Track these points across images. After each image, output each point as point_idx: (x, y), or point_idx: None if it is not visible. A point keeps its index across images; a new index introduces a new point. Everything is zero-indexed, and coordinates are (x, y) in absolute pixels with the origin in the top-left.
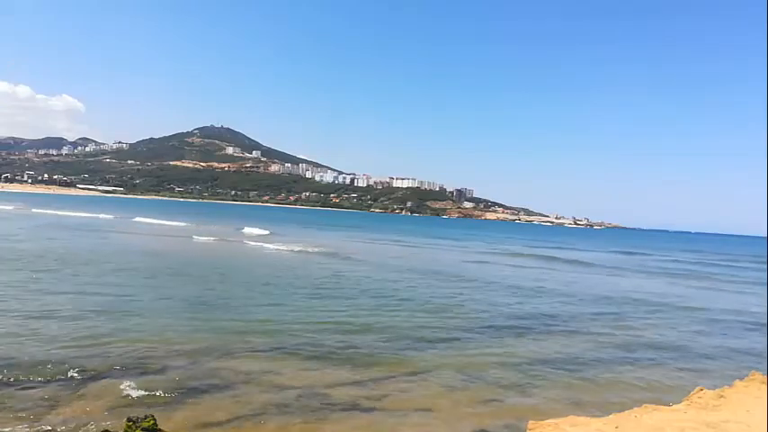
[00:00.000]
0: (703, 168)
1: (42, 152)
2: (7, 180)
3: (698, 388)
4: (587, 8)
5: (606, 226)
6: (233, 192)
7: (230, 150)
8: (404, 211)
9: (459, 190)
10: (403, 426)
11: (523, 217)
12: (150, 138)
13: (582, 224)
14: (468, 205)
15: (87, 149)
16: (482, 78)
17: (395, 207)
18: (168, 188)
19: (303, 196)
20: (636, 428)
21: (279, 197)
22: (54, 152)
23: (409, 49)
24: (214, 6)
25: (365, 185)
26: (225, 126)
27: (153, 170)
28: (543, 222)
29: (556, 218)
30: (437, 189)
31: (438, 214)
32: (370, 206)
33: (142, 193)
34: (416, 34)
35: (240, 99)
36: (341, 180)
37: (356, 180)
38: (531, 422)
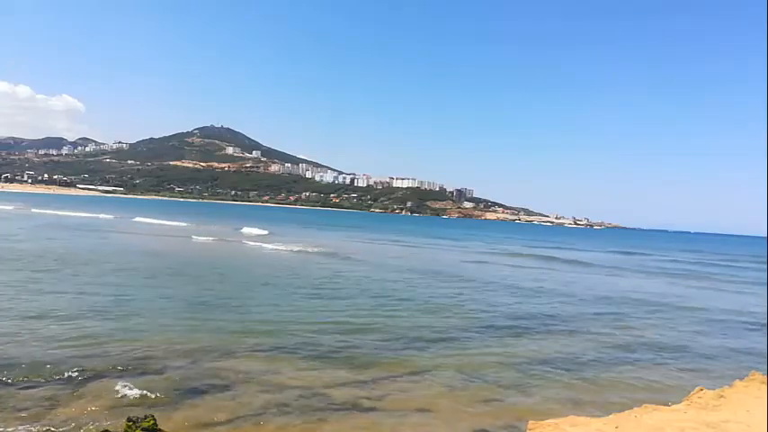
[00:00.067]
0: (703, 168)
1: (42, 152)
2: (7, 180)
3: (698, 388)
4: (587, 8)
5: (606, 226)
6: (233, 192)
7: (230, 150)
8: (404, 211)
9: (459, 190)
10: (403, 426)
11: (523, 217)
12: (150, 138)
13: (582, 224)
14: (468, 205)
15: (87, 149)
16: (482, 78)
17: (395, 207)
18: (168, 188)
19: (303, 196)
20: (636, 428)
21: (279, 197)
22: (54, 152)
23: (409, 49)
24: (214, 6)
25: (365, 185)
26: (225, 126)
27: (153, 170)
28: (543, 222)
29: (556, 218)
30: (437, 189)
31: (438, 214)
32: (370, 206)
33: (142, 193)
34: (416, 34)
35: (240, 99)
36: (341, 180)
37: (356, 180)
38: (531, 422)
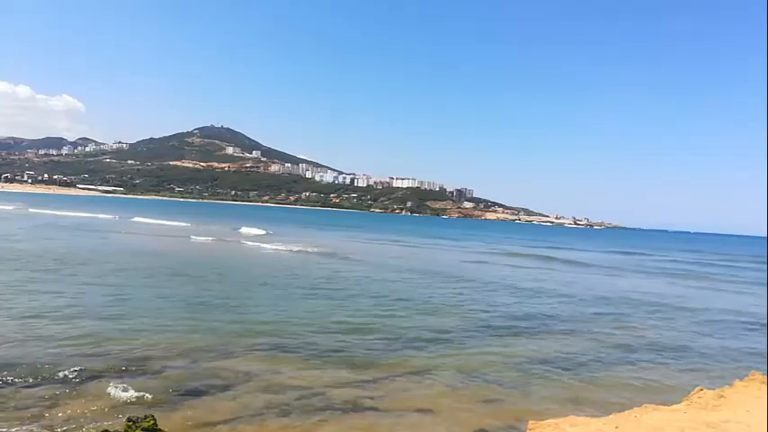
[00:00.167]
0: (703, 168)
1: (42, 152)
2: (7, 180)
3: (698, 388)
4: (587, 8)
5: (606, 226)
6: (233, 192)
7: (230, 150)
8: (404, 211)
9: (459, 190)
10: (403, 426)
11: (523, 217)
12: (150, 138)
13: (582, 224)
14: (468, 205)
15: (87, 149)
16: (482, 78)
17: (395, 207)
18: (168, 188)
19: (303, 196)
20: (636, 428)
21: (279, 197)
22: (54, 152)
23: (409, 49)
24: (214, 7)
25: (365, 185)
26: (225, 126)
27: (153, 170)
28: (543, 222)
29: (556, 218)
30: (437, 189)
31: (438, 214)
32: (370, 206)
33: (142, 193)
34: (416, 34)
35: (240, 99)
36: (341, 180)
37: (356, 180)
38: (531, 422)
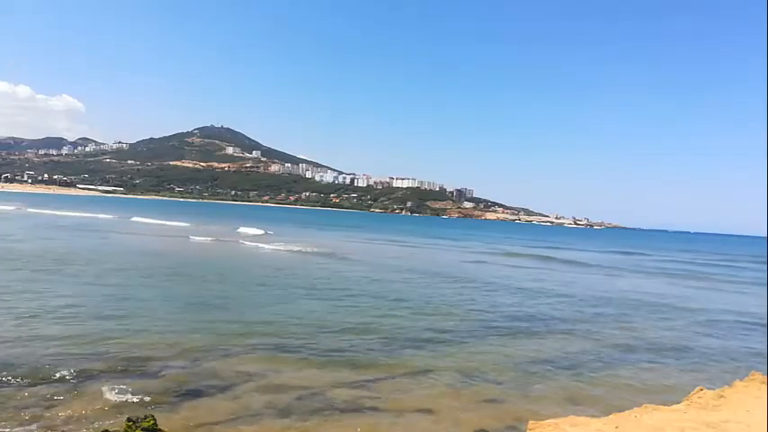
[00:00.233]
0: (703, 168)
1: (42, 152)
2: (7, 180)
3: (698, 388)
4: (587, 8)
5: (606, 226)
6: (233, 192)
7: (230, 150)
8: (404, 211)
9: (459, 190)
10: (403, 426)
11: (523, 217)
12: (150, 138)
13: (582, 224)
14: (468, 205)
15: (87, 149)
16: (482, 78)
17: (395, 207)
18: (168, 188)
19: (303, 196)
20: (636, 428)
21: (279, 197)
22: (54, 152)
23: (409, 49)
24: (214, 7)
25: (365, 185)
26: (225, 126)
27: (153, 170)
28: (543, 222)
29: (556, 218)
30: (437, 189)
31: (438, 214)
32: (370, 206)
33: (142, 193)
34: (416, 34)
35: (240, 99)
36: (341, 180)
37: (356, 180)
38: (531, 422)
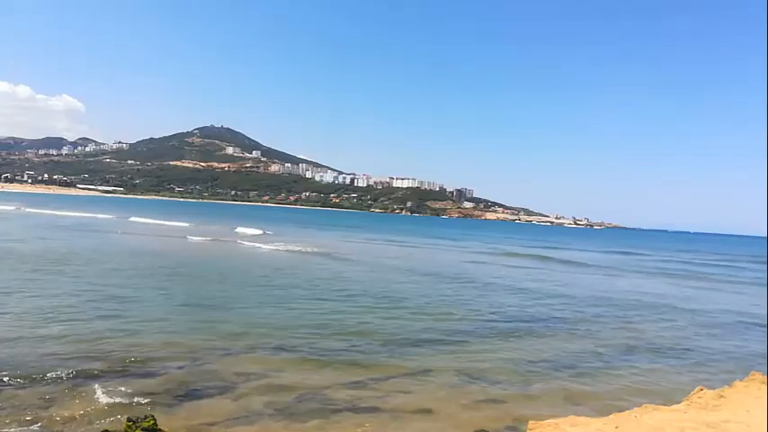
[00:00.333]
0: (703, 168)
1: (42, 152)
2: (7, 180)
3: (698, 388)
4: (587, 8)
5: (606, 226)
6: (233, 192)
7: (230, 150)
8: (404, 211)
9: (459, 190)
10: (403, 426)
11: (523, 217)
12: (150, 138)
13: (582, 224)
14: (468, 205)
15: (87, 149)
16: (482, 78)
17: (395, 207)
18: (168, 188)
19: (303, 196)
20: (636, 428)
21: (279, 197)
22: (54, 152)
23: (409, 49)
24: (214, 7)
25: (365, 185)
26: (225, 126)
27: (153, 170)
28: (543, 222)
29: (556, 218)
30: (437, 189)
31: (438, 214)
32: (370, 206)
33: (142, 194)
34: (416, 34)
35: (240, 99)
36: (341, 180)
37: (356, 180)
38: (531, 422)
